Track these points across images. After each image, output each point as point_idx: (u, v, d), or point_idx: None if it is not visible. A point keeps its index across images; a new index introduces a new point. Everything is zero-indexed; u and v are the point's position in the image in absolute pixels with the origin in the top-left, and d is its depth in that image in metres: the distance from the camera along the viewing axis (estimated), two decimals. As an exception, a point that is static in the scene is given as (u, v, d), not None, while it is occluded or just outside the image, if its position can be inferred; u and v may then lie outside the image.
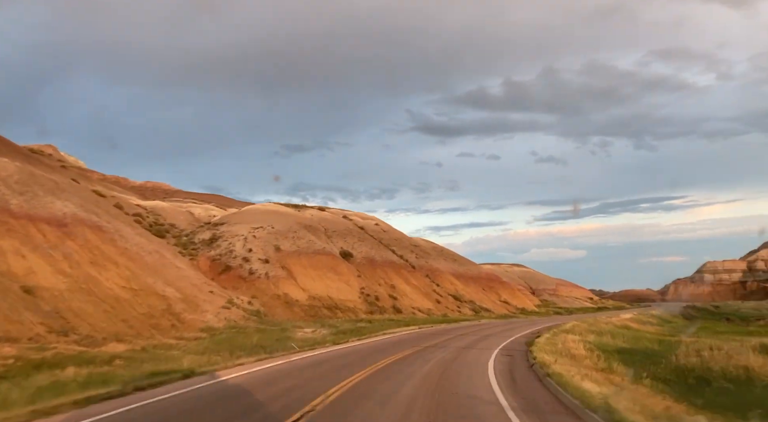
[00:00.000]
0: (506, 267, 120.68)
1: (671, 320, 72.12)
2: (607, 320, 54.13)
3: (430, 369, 18.06)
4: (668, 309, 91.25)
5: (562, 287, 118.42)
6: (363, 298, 59.87)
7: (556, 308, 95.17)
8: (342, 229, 71.03)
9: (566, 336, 33.02)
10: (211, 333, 39.48)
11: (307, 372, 17.44)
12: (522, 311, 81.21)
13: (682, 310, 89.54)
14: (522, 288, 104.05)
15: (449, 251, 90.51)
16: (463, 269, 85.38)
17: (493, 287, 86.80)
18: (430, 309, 64.19)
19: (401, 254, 74.42)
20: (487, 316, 67.84)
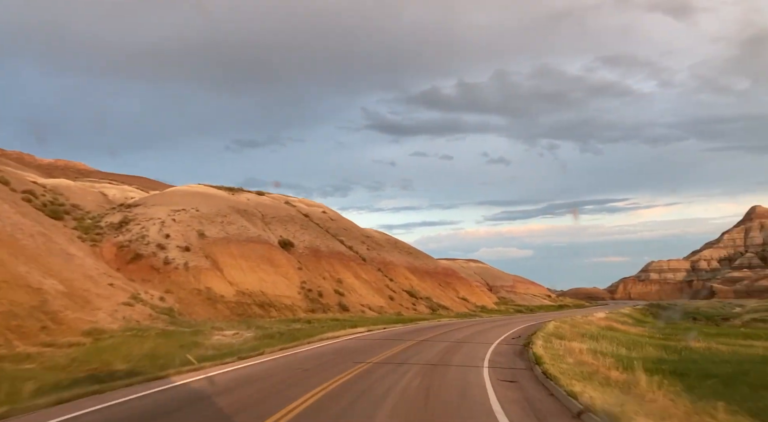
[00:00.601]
0: (462, 263, 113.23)
1: (643, 319, 65.66)
2: (584, 320, 46.46)
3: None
4: (633, 307, 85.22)
5: (519, 284, 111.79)
6: (303, 294, 50.42)
7: (515, 306, 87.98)
8: (283, 215, 61.34)
9: (563, 343, 24.64)
10: (96, 337, 29.52)
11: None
12: (482, 309, 73.42)
13: (646, 309, 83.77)
14: (480, 285, 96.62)
15: (404, 243, 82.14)
16: (419, 264, 76.97)
17: (450, 284, 78.73)
18: (382, 307, 55.28)
19: (351, 246, 65.26)
20: (446, 315, 59.48)
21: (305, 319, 42.62)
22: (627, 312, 67.44)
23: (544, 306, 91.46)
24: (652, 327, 52.99)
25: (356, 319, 44.05)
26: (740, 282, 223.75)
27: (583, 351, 21.08)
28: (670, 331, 45.31)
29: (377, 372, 15.22)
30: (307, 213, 66.57)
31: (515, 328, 37.28)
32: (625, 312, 66.93)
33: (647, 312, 75.05)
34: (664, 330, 46.75)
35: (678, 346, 31.36)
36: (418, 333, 31.56)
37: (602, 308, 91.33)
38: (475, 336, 29.64)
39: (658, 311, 79.39)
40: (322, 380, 13.30)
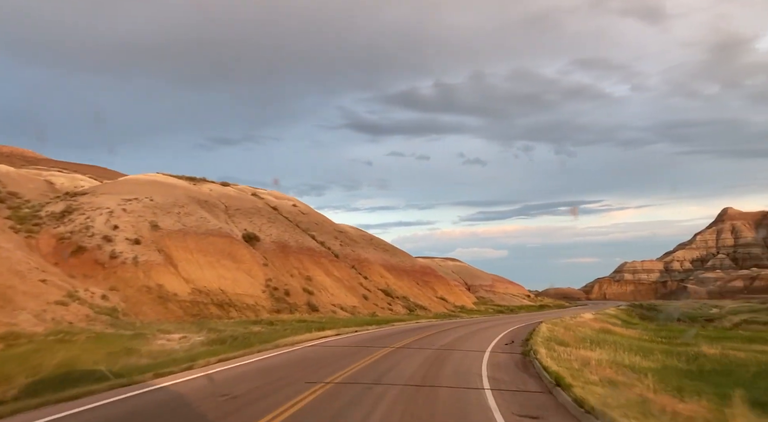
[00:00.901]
0: (439, 261, 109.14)
1: (631, 320, 62.11)
2: (574, 322, 42.39)
3: None
4: (617, 308, 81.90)
5: (498, 283, 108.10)
6: (269, 292, 45.51)
7: (495, 306, 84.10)
8: (248, 207, 56.24)
9: (569, 351, 20.33)
10: (9, 343, 24.54)
11: None
12: (461, 309, 69.24)
13: (630, 309, 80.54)
14: (458, 284, 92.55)
15: (380, 240, 77.44)
16: (396, 261, 72.49)
17: (428, 283, 74.40)
18: (355, 307, 50.60)
19: (322, 241, 60.43)
20: (424, 315, 55.07)
21: (268, 320, 37.74)
22: (613, 313, 63.84)
23: (524, 306, 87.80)
24: (644, 328, 49.26)
25: (326, 320, 39.30)
26: (713, 283, 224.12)
27: (601, 362, 16.78)
28: (666, 334, 41.50)
29: (338, 400, 10.59)
30: (275, 206, 61.56)
31: (503, 331, 32.96)
32: (611, 313, 63.31)
33: (632, 313, 71.72)
34: (660, 333, 42.96)
35: (689, 352, 27.33)
36: (395, 337, 26.99)
37: (584, 308, 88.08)
38: (462, 342, 25.17)
39: (642, 312, 76.16)
40: (247, 420, 8.64)
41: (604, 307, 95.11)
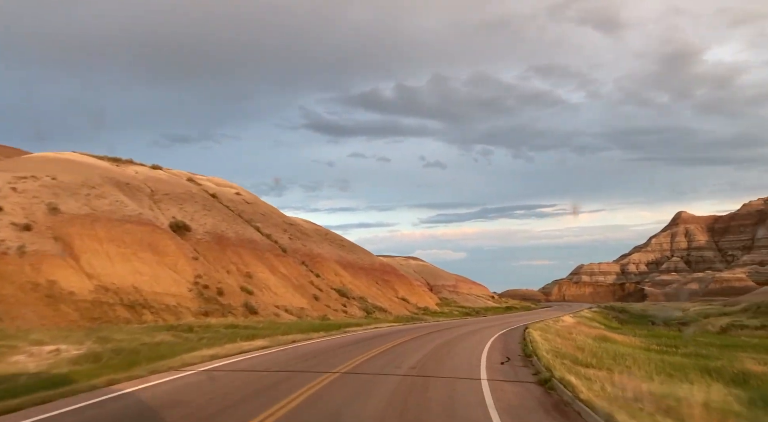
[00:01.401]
0: (401, 260, 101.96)
1: (611, 324, 56.21)
2: (561, 327, 35.70)
3: None
4: (591, 310, 76.15)
5: (462, 284, 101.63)
6: (197, 291, 37.27)
7: (460, 307, 77.41)
8: (180, 193, 47.76)
9: (604, 375, 13.22)
10: None
11: None
12: (425, 311, 62.22)
13: (604, 311, 74.99)
14: (421, 284, 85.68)
15: (336, 235, 69.77)
16: (353, 258, 64.92)
17: (389, 282, 67.10)
18: (303, 308, 42.77)
19: (268, 234, 52.37)
20: (383, 318, 47.71)
21: (188, 325, 29.59)
22: (590, 316, 57.91)
23: (490, 308, 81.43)
24: (634, 334, 43.03)
25: (263, 325, 31.42)
26: (670, 285, 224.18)
27: (666, 398, 9.76)
28: (668, 340, 35.22)
29: None
30: (215, 193, 53.15)
31: (486, 341, 25.77)
32: (588, 316, 57.34)
33: (608, 316, 66.15)
34: (658, 339, 36.71)
35: (731, 370, 20.69)
36: (345, 353, 19.40)
37: (553, 310, 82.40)
38: (437, 361, 17.74)
39: (616, 314, 70.70)
40: None
41: (571, 309, 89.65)
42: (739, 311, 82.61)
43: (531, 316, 56.96)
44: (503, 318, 51.34)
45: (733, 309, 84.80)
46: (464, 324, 42.50)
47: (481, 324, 42.54)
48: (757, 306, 71.52)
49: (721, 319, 64.93)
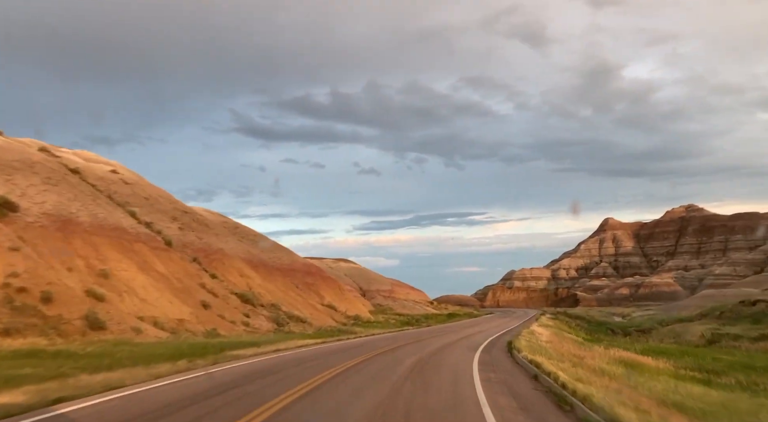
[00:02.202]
0: (330, 262, 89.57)
1: (587, 336, 46.26)
2: (549, 344, 24.71)
3: None
4: (544, 317, 66.21)
5: (398, 288, 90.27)
6: (3, 297, 23.82)
7: (397, 315, 66.01)
8: (13, 160, 33.74)
9: None
10: None
11: None
12: (356, 320, 50.33)
13: (563, 319, 65.42)
14: (351, 288, 73.80)
15: (249, 229, 56.83)
16: (268, 257, 52.24)
17: (313, 286, 54.81)
18: (182, 320, 29.82)
19: (149, 221, 39.02)
20: (300, 332, 35.49)
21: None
22: (555, 324, 47.81)
23: (431, 315, 70.44)
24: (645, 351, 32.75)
25: (83, 353, 18.53)
26: (601, 291, 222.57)
27: None
28: (701, 362, 24.94)
29: None
30: (77, 168, 39.24)
31: (461, 373, 14.04)
32: (551, 324, 47.19)
33: (571, 324, 56.58)
34: (683, 359, 26.41)
35: None
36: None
37: (499, 316, 72.58)
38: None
39: (578, 322, 61.22)
40: None
41: (518, 315, 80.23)
42: (695, 316, 75.50)
43: (486, 326, 46.22)
44: (454, 330, 40.29)
45: (689, 315, 77.72)
46: (406, 339, 30.88)
47: (432, 340, 30.85)
48: (719, 311, 64.18)
49: (691, 327, 56.53)
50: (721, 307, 68.18)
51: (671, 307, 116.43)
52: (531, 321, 54.61)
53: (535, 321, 46.59)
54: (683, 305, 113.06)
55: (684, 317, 76.07)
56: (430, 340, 29.12)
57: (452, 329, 41.35)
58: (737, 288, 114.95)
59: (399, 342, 27.38)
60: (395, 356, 20.07)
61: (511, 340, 23.57)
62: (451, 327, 45.50)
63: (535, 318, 57.06)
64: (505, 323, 48.68)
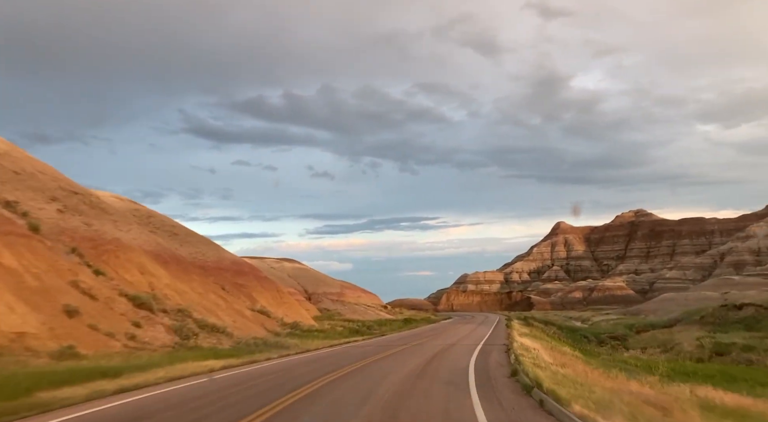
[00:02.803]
0: (272, 262, 79.71)
1: (556, 341, 38.46)
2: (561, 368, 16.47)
3: None
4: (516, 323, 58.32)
5: (349, 291, 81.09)
6: None
7: (346, 321, 57.07)
8: None
9: None
10: None
11: None
12: (293, 328, 41.18)
13: (538, 325, 57.79)
14: (294, 291, 64.47)
15: (165, 217, 46.86)
16: (187, 252, 42.56)
17: (244, 288, 45.31)
18: (24, 334, 20.10)
19: (13, 200, 28.96)
20: (209, 348, 26.21)
21: None
22: (529, 331, 39.88)
23: (385, 321, 61.63)
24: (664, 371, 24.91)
25: None
26: (555, 294, 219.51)
27: None
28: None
29: None
30: None
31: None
32: (526, 331, 39.22)
33: (548, 331, 48.98)
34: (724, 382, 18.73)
35: None
36: None
37: (461, 321, 64.52)
38: None
39: (554, 329, 53.72)
40: None
41: (477, 320, 72.52)
42: (670, 321, 69.55)
43: (453, 335, 37.71)
44: (416, 342, 31.56)
45: (660, 319, 71.82)
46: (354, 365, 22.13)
47: (388, 362, 21.95)
48: (699, 316, 58.02)
49: (678, 335, 49.79)
50: (698, 311, 62.29)
51: (631, 311, 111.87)
52: (501, 327, 46.77)
53: (511, 329, 38.66)
54: (645, 309, 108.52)
55: (656, 322, 70.09)
56: (385, 362, 20.30)
57: (413, 339, 32.69)
58: (697, 292, 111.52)
59: (339, 367, 18.49)
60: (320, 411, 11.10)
61: (514, 364, 15.19)
62: (411, 336, 36.82)
63: (506, 324, 49.32)
64: (474, 331, 40.58)
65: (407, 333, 43.70)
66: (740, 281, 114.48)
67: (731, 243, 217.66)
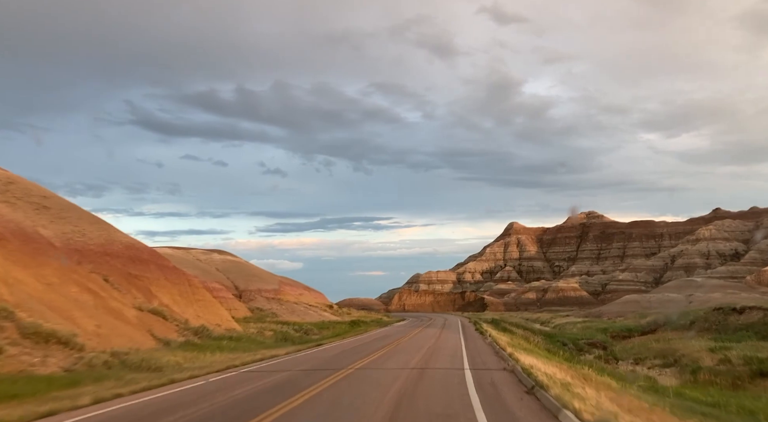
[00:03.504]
0: (199, 253, 67.66)
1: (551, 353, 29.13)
2: None
3: None
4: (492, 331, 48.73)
5: (288, 288, 69.72)
6: None
7: (280, 323, 46.31)
8: None
9: None
10: None
11: None
12: (200, 334, 30.34)
13: (521, 332, 48.43)
14: (220, 287, 53.19)
15: (34, 186, 35.22)
16: (55, 229, 31.06)
17: (139, 279, 34.11)
18: None
19: None
20: (10, 375, 15.29)
21: None
22: (512, 340, 30.34)
23: (328, 323, 50.66)
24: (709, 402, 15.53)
25: None
26: (508, 295, 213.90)
27: None
28: None
29: None
30: None
31: None
32: (509, 340, 29.67)
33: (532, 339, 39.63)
34: None
35: None
36: None
37: (417, 323, 54.77)
38: None
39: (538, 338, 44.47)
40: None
41: (436, 321, 63.10)
42: (648, 325, 61.73)
43: (414, 344, 27.53)
44: (365, 355, 21.41)
45: (637, 324, 64.00)
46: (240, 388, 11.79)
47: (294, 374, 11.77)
48: (689, 321, 49.96)
49: (677, 343, 41.30)
50: (684, 315, 54.64)
51: (592, 313, 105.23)
52: (470, 332, 37.12)
53: (488, 336, 28.87)
54: (607, 311, 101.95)
55: (633, 326, 62.30)
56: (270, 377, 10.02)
57: (356, 357, 22.38)
58: (659, 293, 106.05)
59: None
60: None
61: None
62: (355, 349, 26.33)
63: (477, 329, 39.67)
64: (440, 339, 30.78)
65: (352, 341, 33.33)
66: (703, 283, 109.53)
67: (682, 246, 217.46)
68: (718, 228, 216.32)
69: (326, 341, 33.02)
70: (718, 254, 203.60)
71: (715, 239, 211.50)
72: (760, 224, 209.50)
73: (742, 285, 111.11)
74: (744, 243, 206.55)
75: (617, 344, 53.37)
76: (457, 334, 35.75)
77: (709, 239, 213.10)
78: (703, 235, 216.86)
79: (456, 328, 44.75)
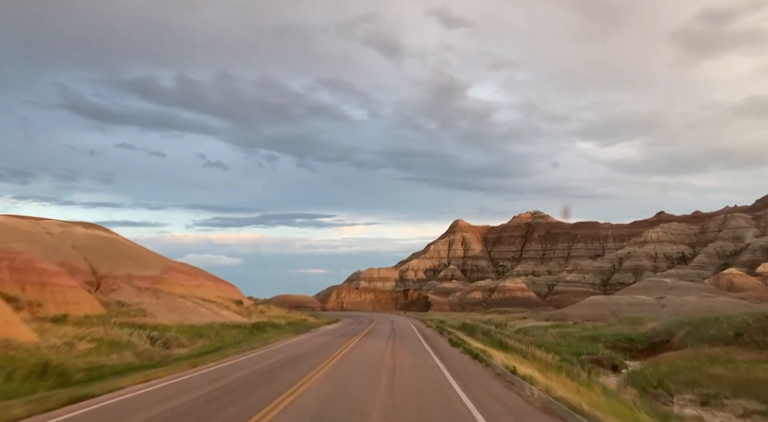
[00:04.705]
0: (54, 225, 47.81)
1: None
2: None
3: None
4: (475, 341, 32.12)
5: (179, 276, 50.11)
6: None
7: (138, 327, 28.52)
8: None
9: None
10: None
11: None
12: None
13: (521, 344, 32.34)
14: (59, 270, 34.33)
15: None
16: None
17: None
18: None
19: None
20: None
21: None
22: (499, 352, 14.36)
23: (218, 327, 31.91)
24: None
25: None
26: (453, 294, 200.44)
27: None
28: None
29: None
30: None
31: None
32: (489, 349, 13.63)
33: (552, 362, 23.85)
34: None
35: None
36: None
37: (353, 326, 37.41)
38: None
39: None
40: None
41: (382, 324, 46.46)
42: (648, 336, 47.32)
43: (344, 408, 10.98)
44: None
45: (641, 333, 49.58)
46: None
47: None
48: (684, 330, 35.61)
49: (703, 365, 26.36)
50: (711, 322, 40.45)
51: (555, 316, 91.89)
52: (441, 344, 20.85)
53: (479, 356, 12.77)
54: (571, 314, 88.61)
55: (636, 337, 47.80)
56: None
57: None
58: (628, 295, 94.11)
59: None
60: None
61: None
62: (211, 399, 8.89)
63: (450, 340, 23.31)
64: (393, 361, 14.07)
65: (224, 367, 16.06)
66: (673, 284, 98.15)
67: (629, 248, 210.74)
68: (665, 231, 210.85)
69: (169, 372, 15.36)
70: (665, 257, 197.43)
71: (662, 241, 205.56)
72: (706, 228, 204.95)
73: (713, 288, 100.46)
74: (690, 246, 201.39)
75: (626, 359, 38.34)
76: (426, 354, 19.08)
77: (656, 241, 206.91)
78: (650, 237, 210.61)
79: (413, 338, 28.09)
